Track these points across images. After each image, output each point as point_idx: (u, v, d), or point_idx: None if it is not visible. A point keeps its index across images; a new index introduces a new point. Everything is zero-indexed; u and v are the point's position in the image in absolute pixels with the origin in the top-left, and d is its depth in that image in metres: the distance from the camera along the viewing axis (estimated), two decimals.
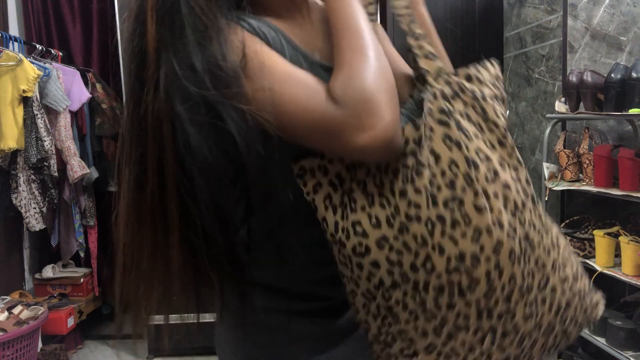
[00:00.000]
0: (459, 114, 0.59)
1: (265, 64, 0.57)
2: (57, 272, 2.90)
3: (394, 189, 0.59)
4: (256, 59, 0.58)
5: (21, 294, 2.65)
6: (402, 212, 0.58)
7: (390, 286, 0.59)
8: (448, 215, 0.56)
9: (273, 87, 0.56)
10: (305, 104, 0.56)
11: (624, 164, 1.59)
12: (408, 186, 0.58)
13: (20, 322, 2.23)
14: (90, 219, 2.96)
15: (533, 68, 2.15)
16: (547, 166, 1.93)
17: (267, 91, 0.56)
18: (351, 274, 0.61)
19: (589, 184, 1.77)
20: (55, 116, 2.63)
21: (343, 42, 0.59)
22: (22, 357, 2.23)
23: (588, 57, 1.90)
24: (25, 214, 2.52)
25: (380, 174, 0.60)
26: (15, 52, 2.42)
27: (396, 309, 0.60)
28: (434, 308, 0.59)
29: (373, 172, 0.60)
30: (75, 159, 2.68)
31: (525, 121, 2.23)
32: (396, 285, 0.59)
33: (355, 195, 0.60)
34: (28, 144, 2.44)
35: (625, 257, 1.58)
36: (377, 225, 0.58)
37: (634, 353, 1.54)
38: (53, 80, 2.56)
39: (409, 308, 0.59)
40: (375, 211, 0.59)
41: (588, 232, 1.80)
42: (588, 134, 1.81)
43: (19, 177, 2.49)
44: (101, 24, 3.19)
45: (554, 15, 1.97)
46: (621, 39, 1.89)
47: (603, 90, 1.68)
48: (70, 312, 2.69)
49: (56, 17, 3.18)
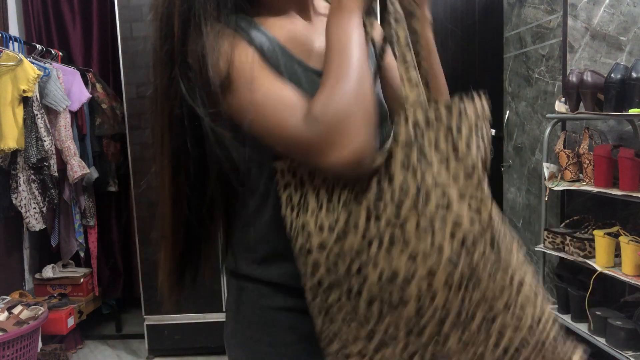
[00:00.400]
0: (427, 141, 0.60)
1: (254, 79, 0.62)
2: (57, 272, 2.90)
3: (340, 199, 0.63)
4: (245, 71, 0.63)
5: (21, 294, 2.65)
6: (342, 222, 0.61)
7: (328, 287, 0.63)
8: (387, 233, 0.59)
9: (255, 103, 0.62)
10: (281, 123, 0.61)
11: (624, 164, 1.59)
12: (352, 199, 0.62)
13: (20, 322, 2.23)
14: (90, 219, 2.96)
15: (533, 68, 2.15)
16: (547, 166, 1.94)
17: (249, 106, 0.62)
18: (302, 270, 0.65)
19: (589, 184, 1.77)
20: (55, 116, 2.63)
21: (331, 63, 0.62)
22: (22, 357, 2.23)
23: (588, 57, 1.90)
24: (25, 214, 2.52)
25: (334, 183, 0.64)
26: (15, 52, 2.42)
27: (333, 310, 0.64)
28: (365, 315, 0.62)
29: (328, 181, 0.64)
30: (75, 159, 2.68)
31: (525, 121, 2.23)
32: (333, 287, 0.63)
33: (309, 198, 0.65)
34: (28, 144, 2.44)
35: (625, 257, 1.58)
36: (320, 229, 0.63)
37: (634, 353, 1.54)
38: (53, 80, 2.56)
39: (343, 311, 0.63)
40: (322, 216, 0.63)
41: (588, 232, 1.80)
42: (588, 134, 1.81)
43: (19, 177, 2.49)
44: (101, 24, 3.19)
45: (554, 15, 1.97)
46: (621, 39, 1.89)
47: (603, 90, 1.68)
48: (70, 312, 2.69)
49: (56, 17, 3.18)
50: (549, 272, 2.02)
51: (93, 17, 3.18)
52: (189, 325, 2.72)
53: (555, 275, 2.00)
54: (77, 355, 2.85)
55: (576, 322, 1.81)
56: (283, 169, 0.67)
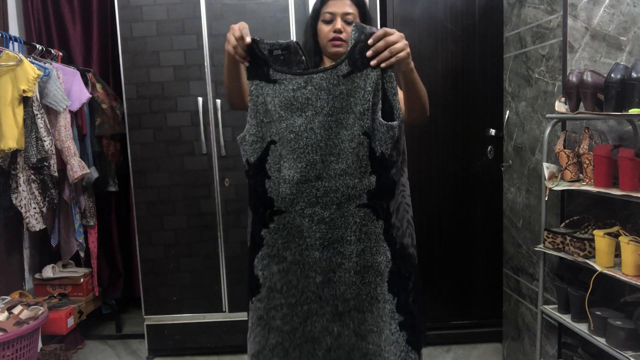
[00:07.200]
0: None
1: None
2: (57, 272, 2.90)
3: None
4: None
5: (21, 294, 2.65)
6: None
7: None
8: None
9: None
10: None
11: (624, 164, 1.59)
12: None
13: (20, 322, 2.23)
14: (90, 219, 2.96)
15: (533, 68, 2.15)
16: (547, 166, 1.93)
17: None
18: None
19: (589, 184, 1.77)
20: (55, 116, 2.63)
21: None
22: (22, 357, 2.23)
23: (588, 57, 1.90)
24: (25, 214, 2.52)
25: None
26: (15, 52, 2.42)
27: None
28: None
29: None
30: (75, 159, 2.68)
31: (525, 121, 2.23)
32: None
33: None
34: (28, 144, 2.44)
35: (625, 257, 1.58)
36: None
37: (634, 353, 1.54)
38: (53, 80, 2.56)
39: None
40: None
41: (588, 232, 1.80)
42: (588, 134, 1.81)
43: (19, 177, 2.49)
44: (101, 24, 3.19)
45: (554, 15, 1.97)
46: (621, 39, 1.89)
47: (603, 90, 1.68)
48: (70, 312, 2.69)
49: (56, 17, 3.18)
50: (549, 272, 2.03)
51: (93, 17, 3.18)
52: (189, 325, 2.72)
53: (555, 275, 2.00)
54: (77, 355, 2.85)
55: (576, 322, 1.81)
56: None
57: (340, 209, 1.21)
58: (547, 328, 2.08)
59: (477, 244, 2.79)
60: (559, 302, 1.93)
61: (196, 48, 2.59)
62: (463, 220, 2.77)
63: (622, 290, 1.82)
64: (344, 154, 1.20)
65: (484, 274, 2.79)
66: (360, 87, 1.17)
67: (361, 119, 1.18)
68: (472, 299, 2.81)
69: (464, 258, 2.79)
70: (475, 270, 2.80)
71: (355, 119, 1.18)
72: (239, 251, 2.67)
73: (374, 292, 1.24)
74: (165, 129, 2.63)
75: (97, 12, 3.18)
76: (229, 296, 2.70)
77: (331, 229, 1.21)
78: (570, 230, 1.87)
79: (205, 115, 2.62)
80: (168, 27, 2.58)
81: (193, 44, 2.59)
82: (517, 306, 2.37)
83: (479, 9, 2.69)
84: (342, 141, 1.20)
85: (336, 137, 1.20)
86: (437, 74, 2.70)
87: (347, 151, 1.19)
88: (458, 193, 2.76)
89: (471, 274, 2.80)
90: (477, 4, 2.69)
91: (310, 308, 1.26)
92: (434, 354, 2.74)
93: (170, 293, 2.70)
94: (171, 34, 2.58)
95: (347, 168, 1.20)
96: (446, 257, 2.79)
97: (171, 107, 2.62)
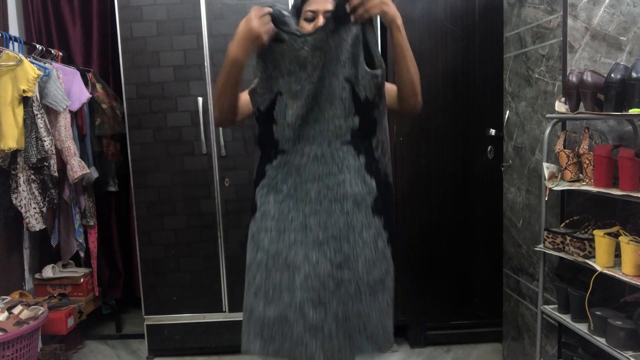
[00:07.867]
0: None
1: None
2: (57, 272, 2.90)
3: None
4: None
5: (21, 294, 2.65)
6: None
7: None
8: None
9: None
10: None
11: (624, 164, 1.59)
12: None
13: (20, 322, 2.23)
14: (90, 219, 2.96)
15: (533, 68, 2.15)
16: (547, 166, 1.93)
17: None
18: None
19: (589, 184, 1.76)
20: (55, 116, 2.63)
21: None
22: (22, 357, 2.23)
23: (588, 57, 1.90)
24: (25, 214, 2.52)
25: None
26: (15, 52, 2.42)
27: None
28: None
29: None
30: (75, 159, 2.68)
31: (525, 121, 2.23)
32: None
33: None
34: (28, 144, 2.44)
35: (625, 257, 1.58)
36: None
37: (634, 353, 1.54)
38: (53, 80, 2.56)
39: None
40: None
41: (588, 232, 1.80)
42: (588, 134, 1.81)
43: (19, 177, 2.49)
44: (101, 24, 3.19)
45: (554, 15, 1.97)
46: (621, 39, 1.89)
47: (603, 90, 1.68)
48: (70, 312, 2.69)
49: (56, 17, 3.18)
50: (549, 272, 2.02)
51: (93, 17, 3.18)
52: (189, 325, 2.72)
53: (555, 275, 2.00)
54: (77, 355, 2.85)
55: (576, 322, 1.81)
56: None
57: (330, 146, 1.38)
58: (547, 328, 2.08)
59: (477, 244, 2.79)
60: (559, 302, 1.93)
61: (196, 48, 2.59)
62: (463, 220, 2.77)
63: (622, 290, 1.82)
64: (336, 99, 1.37)
65: (484, 274, 2.79)
66: (343, 39, 1.34)
67: (344, 67, 1.34)
68: (472, 299, 2.81)
69: (464, 258, 2.79)
70: (475, 270, 2.80)
71: (340, 67, 1.35)
72: (239, 251, 2.67)
73: (351, 221, 1.37)
74: (165, 129, 2.64)
75: (97, 12, 3.18)
76: (229, 296, 2.70)
77: (321, 164, 1.38)
78: (570, 230, 1.87)
79: (205, 115, 2.62)
80: (168, 27, 2.58)
81: (193, 44, 2.59)
82: (517, 306, 2.37)
83: (479, 9, 2.69)
84: (334, 88, 1.36)
85: (330, 86, 1.36)
86: (437, 74, 2.70)
87: (337, 96, 1.36)
88: (458, 193, 2.76)
89: (471, 274, 2.80)
90: (477, 4, 2.69)
91: (296, 237, 1.38)
92: (434, 354, 2.74)
93: (170, 293, 2.70)
94: (171, 34, 2.58)
95: (336, 110, 1.37)
96: (446, 257, 2.79)
97: (171, 107, 2.63)
